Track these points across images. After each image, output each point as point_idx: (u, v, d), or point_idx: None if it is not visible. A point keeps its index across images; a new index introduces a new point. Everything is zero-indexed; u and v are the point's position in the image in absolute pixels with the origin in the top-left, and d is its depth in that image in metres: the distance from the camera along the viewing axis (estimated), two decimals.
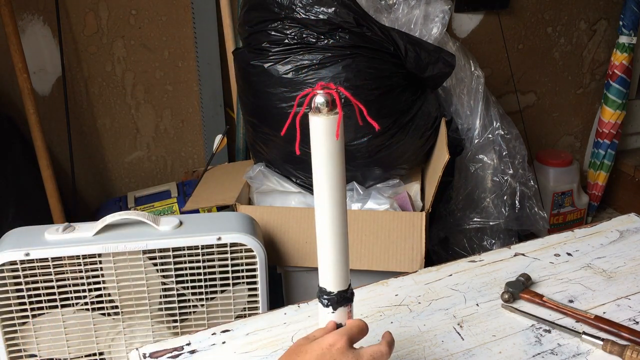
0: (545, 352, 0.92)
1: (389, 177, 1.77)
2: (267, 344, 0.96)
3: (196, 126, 2.22)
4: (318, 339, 0.73)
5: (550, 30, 2.57)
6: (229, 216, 1.45)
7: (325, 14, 1.56)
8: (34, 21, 1.95)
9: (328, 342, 0.71)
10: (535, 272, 1.10)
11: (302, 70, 1.60)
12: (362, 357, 0.72)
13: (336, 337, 0.72)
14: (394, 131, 1.68)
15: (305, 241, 1.61)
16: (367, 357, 0.72)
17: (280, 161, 1.75)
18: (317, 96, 0.71)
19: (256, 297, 1.40)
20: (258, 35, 1.66)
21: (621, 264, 1.13)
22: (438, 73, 1.72)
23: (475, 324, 0.99)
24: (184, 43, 2.09)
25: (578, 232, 1.23)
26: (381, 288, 1.08)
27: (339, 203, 0.74)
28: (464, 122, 2.05)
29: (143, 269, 1.30)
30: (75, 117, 2.08)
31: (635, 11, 2.46)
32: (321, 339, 0.73)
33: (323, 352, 0.71)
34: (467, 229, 2.07)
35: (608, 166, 2.70)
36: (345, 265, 0.77)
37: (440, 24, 1.84)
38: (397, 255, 1.58)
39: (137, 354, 0.94)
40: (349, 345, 0.72)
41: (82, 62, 2.04)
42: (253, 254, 1.36)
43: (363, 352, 0.72)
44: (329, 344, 0.71)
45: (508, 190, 2.07)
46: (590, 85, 2.76)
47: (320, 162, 0.72)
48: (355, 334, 0.74)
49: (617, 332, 0.94)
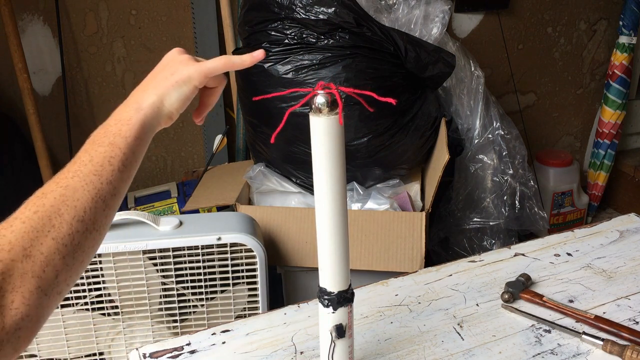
0: (545, 352, 0.92)
1: (389, 177, 1.77)
2: (267, 344, 0.96)
3: (196, 126, 2.22)
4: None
5: (550, 30, 2.57)
6: (229, 216, 1.45)
7: (325, 14, 1.56)
8: (34, 21, 1.95)
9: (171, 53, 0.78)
10: (535, 272, 1.10)
11: (302, 70, 1.60)
12: (203, 62, 0.76)
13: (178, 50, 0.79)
14: (394, 131, 1.68)
15: (305, 241, 1.61)
16: (206, 64, 0.76)
17: (280, 161, 1.75)
18: (318, 96, 0.71)
19: (256, 297, 1.40)
20: (258, 35, 1.66)
21: (621, 264, 1.13)
22: (438, 73, 1.72)
23: (475, 324, 0.99)
24: (184, 43, 2.09)
25: (578, 232, 1.23)
26: (381, 288, 1.08)
27: (339, 203, 0.74)
28: (464, 122, 2.05)
29: (143, 269, 1.30)
30: (75, 117, 2.08)
31: (635, 11, 2.46)
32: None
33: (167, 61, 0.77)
34: (467, 229, 2.07)
35: (608, 166, 2.70)
36: (345, 265, 0.78)
37: (440, 24, 1.84)
38: (397, 255, 1.58)
39: (137, 354, 0.94)
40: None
41: (82, 62, 2.04)
42: (253, 254, 1.36)
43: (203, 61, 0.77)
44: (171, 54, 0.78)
45: (508, 191, 2.07)
46: (590, 86, 2.76)
47: (321, 162, 0.72)
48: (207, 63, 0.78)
49: (617, 332, 0.94)
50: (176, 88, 0.73)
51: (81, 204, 0.62)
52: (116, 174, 0.66)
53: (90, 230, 0.63)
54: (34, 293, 0.57)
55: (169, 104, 0.74)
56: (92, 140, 0.68)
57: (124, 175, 0.68)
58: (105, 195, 0.65)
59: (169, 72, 0.74)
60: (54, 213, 0.60)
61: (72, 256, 0.61)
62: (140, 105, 0.71)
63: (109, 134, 0.68)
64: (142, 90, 0.74)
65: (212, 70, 0.75)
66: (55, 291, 0.59)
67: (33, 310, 0.57)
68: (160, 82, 0.74)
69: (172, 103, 0.74)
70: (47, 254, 0.58)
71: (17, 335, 0.55)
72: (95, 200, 0.63)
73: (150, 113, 0.71)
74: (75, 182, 0.63)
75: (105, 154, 0.66)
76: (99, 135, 0.69)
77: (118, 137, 0.68)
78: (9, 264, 0.56)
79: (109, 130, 0.69)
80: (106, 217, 0.66)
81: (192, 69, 0.74)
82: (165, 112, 0.74)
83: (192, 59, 0.76)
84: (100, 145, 0.67)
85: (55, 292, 0.59)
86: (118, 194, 0.67)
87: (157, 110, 0.72)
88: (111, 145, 0.67)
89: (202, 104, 0.82)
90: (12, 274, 0.56)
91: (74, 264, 0.61)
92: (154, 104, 0.72)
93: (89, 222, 0.62)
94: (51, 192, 0.62)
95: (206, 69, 0.75)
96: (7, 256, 0.56)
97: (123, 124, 0.69)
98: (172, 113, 0.74)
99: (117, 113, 0.71)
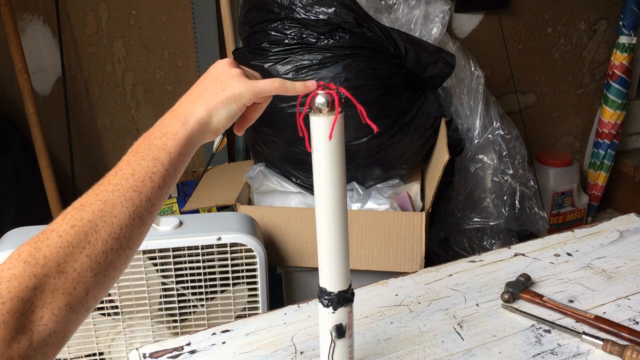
0: (545, 352, 0.92)
1: (389, 177, 1.77)
2: (267, 344, 0.96)
3: None
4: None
5: (550, 30, 2.57)
6: (229, 216, 1.45)
7: (325, 14, 1.56)
8: (34, 21, 1.95)
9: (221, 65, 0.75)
10: (535, 272, 1.10)
11: (302, 70, 1.60)
12: (256, 82, 0.73)
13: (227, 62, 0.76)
14: (394, 131, 1.68)
15: (305, 241, 1.61)
16: (259, 84, 0.73)
17: (280, 161, 1.75)
18: (318, 96, 0.71)
19: (256, 297, 1.40)
20: (258, 35, 1.66)
21: (621, 264, 1.13)
22: (438, 73, 1.72)
23: (475, 324, 0.99)
24: (184, 43, 2.09)
25: (578, 232, 1.23)
26: (381, 288, 1.08)
27: (339, 203, 0.74)
28: (464, 122, 2.05)
29: (143, 269, 1.30)
30: (75, 117, 2.08)
31: (635, 11, 2.46)
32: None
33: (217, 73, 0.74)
34: (467, 229, 2.07)
35: (608, 166, 2.70)
36: (345, 265, 0.78)
37: (440, 24, 1.84)
38: (397, 255, 1.58)
39: (137, 354, 0.94)
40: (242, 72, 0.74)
41: (82, 62, 2.04)
42: (253, 254, 1.36)
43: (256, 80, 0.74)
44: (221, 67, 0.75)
45: (508, 191, 2.07)
46: (590, 86, 2.76)
47: (321, 162, 0.72)
48: (251, 72, 0.76)
49: (617, 332, 0.94)
50: (226, 105, 0.71)
51: (118, 221, 0.61)
52: (155, 191, 0.64)
53: (124, 248, 0.61)
54: (63, 310, 0.56)
55: (217, 121, 0.71)
56: (136, 151, 0.66)
57: (163, 191, 0.66)
58: (143, 213, 0.63)
59: (219, 86, 0.71)
60: (91, 229, 0.59)
61: (104, 274, 0.60)
62: (188, 120, 0.69)
63: (152, 147, 0.66)
64: (191, 102, 0.71)
65: (265, 92, 0.73)
66: (84, 308, 0.59)
67: (61, 327, 0.56)
68: (211, 97, 0.71)
69: (220, 120, 0.71)
70: (79, 271, 0.58)
71: (43, 351, 0.55)
72: (132, 217, 0.62)
73: (197, 129, 0.69)
74: (115, 197, 0.62)
75: (148, 169, 0.64)
76: (143, 146, 0.66)
77: (162, 152, 0.66)
78: (42, 279, 0.55)
79: (154, 144, 0.66)
80: (141, 235, 0.64)
81: (243, 87, 0.71)
82: (211, 128, 0.71)
83: (243, 74, 0.73)
84: (143, 158, 0.65)
85: (84, 309, 0.59)
86: (155, 211, 0.65)
87: (204, 126, 0.70)
88: (154, 160, 0.65)
89: (245, 118, 0.79)
90: (44, 290, 0.55)
91: (104, 281, 0.60)
92: (202, 119, 0.70)
93: (124, 240, 0.61)
94: (90, 205, 0.61)
95: (259, 88, 0.72)
96: (41, 271, 0.55)
97: (169, 138, 0.67)
98: (218, 129, 0.72)
99: (162, 124, 0.69)
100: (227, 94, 0.71)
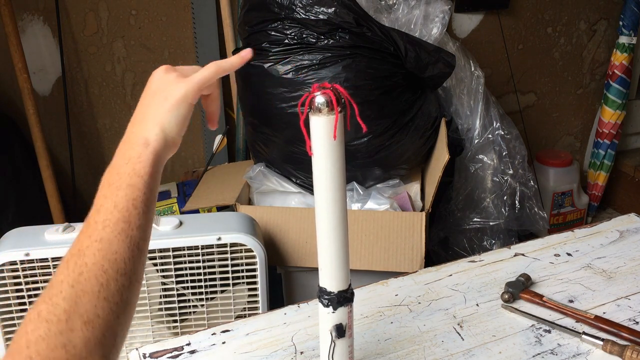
0: (545, 352, 0.92)
1: (389, 177, 1.77)
2: (267, 344, 0.96)
3: (196, 126, 2.22)
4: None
5: (550, 30, 2.57)
6: (229, 216, 1.45)
7: (325, 14, 1.56)
8: (34, 21, 1.95)
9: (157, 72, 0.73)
10: (535, 272, 1.10)
11: (302, 70, 1.60)
12: (193, 77, 0.71)
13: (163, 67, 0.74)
14: (394, 131, 1.68)
15: (305, 241, 1.61)
16: (197, 78, 0.71)
17: (280, 161, 1.75)
18: (318, 96, 0.71)
19: (256, 297, 1.40)
20: (258, 35, 1.66)
21: (621, 264, 1.13)
22: (438, 73, 1.72)
23: (475, 324, 0.99)
24: (184, 43, 2.09)
25: (578, 232, 1.23)
26: (381, 288, 1.08)
27: (339, 203, 0.74)
28: (464, 122, 2.05)
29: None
30: (75, 117, 2.08)
31: (635, 11, 2.46)
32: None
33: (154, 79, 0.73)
34: (467, 229, 2.07)
35: (608, 166, 2.70)
36: (345, 265, 0.77)
37: (440, 24, 1.84)
38: (397, 255, 1.58)
39: (137, 354, 0.94)
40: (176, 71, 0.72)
41: (82, 62, 2.04)
42: (253, 254, 1.36)
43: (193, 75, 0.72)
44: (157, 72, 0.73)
45: (508, 191, 2.07)
46: (590, 86, 2.76)
47: (320, 162, 0.72)
48: (186, 69, 0.74)
49: (617, 332, 0.94)
50: (173, 112, 0.69)
51: (120, 256, 0.60)
52: (142, 217, 0.63)
53: (133, 282, 0.61)
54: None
55: (170, 130, 0.69)
56: (108, 184, 0.64)
57: (148, 216, 0.65)
58: (138, 242, 0.62)
59: (162, 97, 0.70)
60: (99, 270, 0.58)
61: (124, 314, 0.59)
62: (147, 140, 0.67)
63: (123, 175, 0.64)
64: (140, 122, 0.69)
65: (204, 82, 0.71)
66: (116, 356, 0.58)
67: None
68: (158, 111, 0.69)
69: (172, 128, 0.69)
70: (103, 316, 0.56)
71: None
72: (131, 249, 0.61)
73: (158, 146, 0.67)
74: (108, 234, 0.61)
75: (127, 197, 0.63)
76: (113, 177, 0.65)
77: (135, 177, 0.64)
78: (69, 335, 0.54)
79: (122, 171, 0.65)
80: (142, 265, 0.63)
81: (183, 88, 0.70)
82: (169, 140, 0.69)
83: (179, 75, 0.71)
84: (118, 188, 0.63)
85: (116, 357, 0.58)
86: (147, 237, 0.64)
87: (163, 141, 0.68)
88: (130, 187, 0.64)
89: (208, 113, 0.78)
90: (76, 345, 0.54)
91: (126, 322, 0.59)
92: (158, 135, 0.68)
93: (131, 273, 0.60)
94: (87, 248, 0.60)
95: (198, 82, 0.71)
96: (66, 327, 0.54)
97: (135, 163, 0.65)
98: (175, 139, 0.70)
99: (122, 153, 0.67)
100: (172, 101, 0.69)
